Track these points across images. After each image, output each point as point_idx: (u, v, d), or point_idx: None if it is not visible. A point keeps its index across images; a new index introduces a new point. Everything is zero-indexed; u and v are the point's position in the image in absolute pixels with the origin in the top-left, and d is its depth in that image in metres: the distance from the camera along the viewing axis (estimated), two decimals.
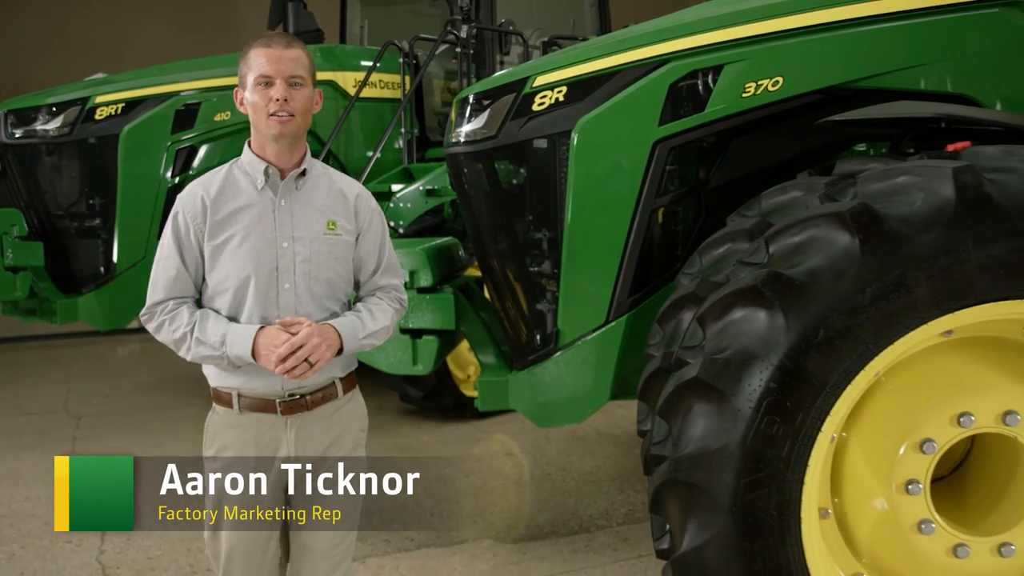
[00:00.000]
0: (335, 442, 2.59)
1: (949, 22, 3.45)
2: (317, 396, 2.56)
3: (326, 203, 2.57)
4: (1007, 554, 2.64)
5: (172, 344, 2.53)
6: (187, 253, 2.51)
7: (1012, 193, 2.34)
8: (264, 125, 2.47)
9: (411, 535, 4.62)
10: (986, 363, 2.63)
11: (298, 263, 2.50)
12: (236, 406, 2.54)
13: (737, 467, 2.39)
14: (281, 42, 2.50)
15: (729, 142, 3.58)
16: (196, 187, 2.54)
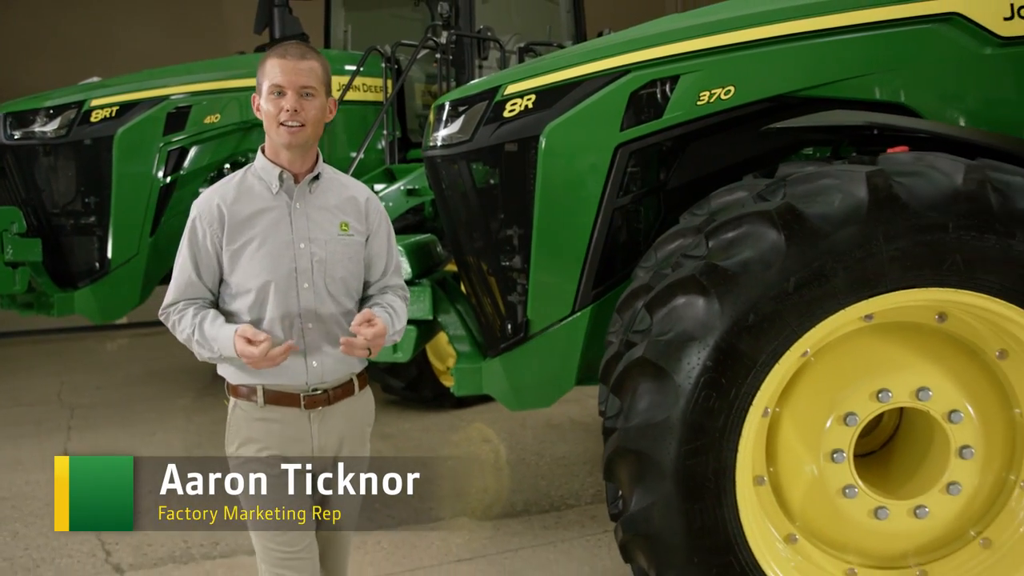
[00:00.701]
0: (350, 434, 2.65)
1: (887, 36, 3.66)
2: (337, 391, 2.62)
3: (338, 205, 2.63)
4: (921, 515, 2.94)
5: (185, 343, 2.58)
6: (202, 260, 2.56)
7: (918, 194, 2.64)
8: (275, 133, 2.53)
9: (392, 513, 4.89)
10: (903, 345, 2.94)
11: (315, 263, 2.56)
12: (260, 400, 2.57)
13: (678, 437, 2.68)
14: (296, 53, 2.54)
15: (685, 146, 3.79)
16: (212, 194, 2.59)
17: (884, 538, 2.98)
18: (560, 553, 4.29)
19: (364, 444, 2.71)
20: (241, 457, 2.57)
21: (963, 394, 2.92)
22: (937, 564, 3.01)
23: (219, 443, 6.09)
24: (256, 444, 2.56)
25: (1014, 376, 2.91)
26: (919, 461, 3.05)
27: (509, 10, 8.39)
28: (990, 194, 2.63)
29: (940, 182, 2.65)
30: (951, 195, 2.63)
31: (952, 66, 3.66)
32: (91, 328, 10.39)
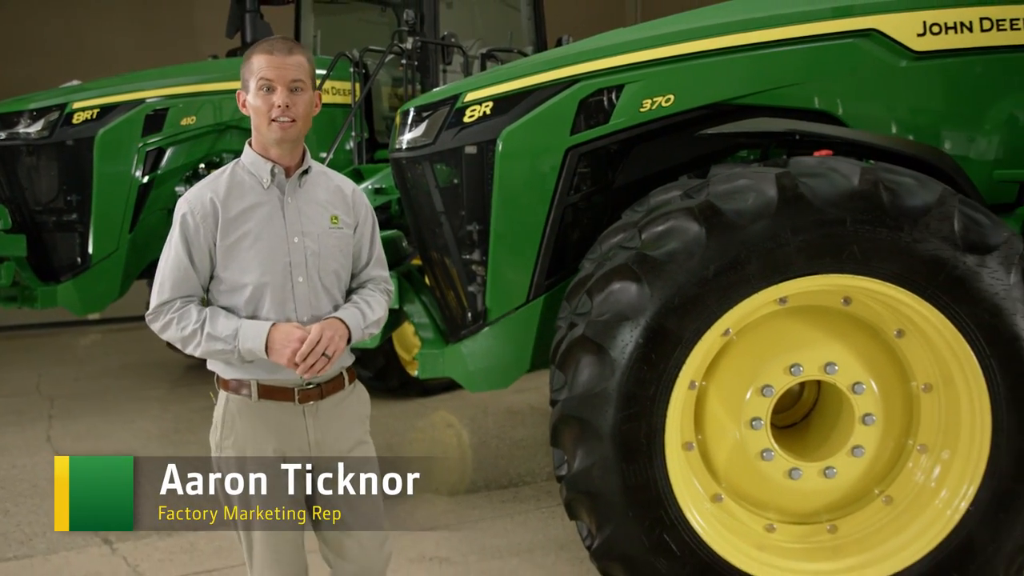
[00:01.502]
0: (347, 428, 2.68)
1: (813, 50, 3.99)
2: (329, 386, 2.63)
3: (327, 199, 2.64)
4: (830, 476, 3.33)
5: (179, 341, 2.54)
6: (196, 253, 2.53)
7: (820, 193, 3.02)
8: (267, 129, 2.52)
9: None
10: (814, 326, 3.32)
11: (308, 256, 2.57)
12: (254, 395, 2.56)
13: (615, 405, 3.05)
14: (283, 48, 2.54)
15: (630, 149, 4.10)
16: (204, 189, 2.57)
17: (799, 496, 3.37)
18: (516, 524, 4.64)
19: (364, 438, 2.73)
20: (231, 455, 2.57)
21: (866, 368, 3.31)
22: (845, 519, 3.40)
23: (195, 429, 6.44)
24: (251, 439, 2.57)
25: (910, 353, 3.30)
26: (830, 428, 3.44)
27: (472, 16, 8.66)
28: (882, 193, 3.01)
29: (839, 182, 3.04)
30: (848, 194, 3.01)
31: (871, 78, 4.02)
32: (65, 323, 10.64)
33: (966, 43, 4.05)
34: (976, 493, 3.15)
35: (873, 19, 4.03)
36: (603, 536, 3.12)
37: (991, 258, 3.03)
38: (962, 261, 3.02)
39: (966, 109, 4.13)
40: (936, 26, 4.02)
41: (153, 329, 2.59)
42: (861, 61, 4.01)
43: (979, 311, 3.05)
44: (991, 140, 4.14)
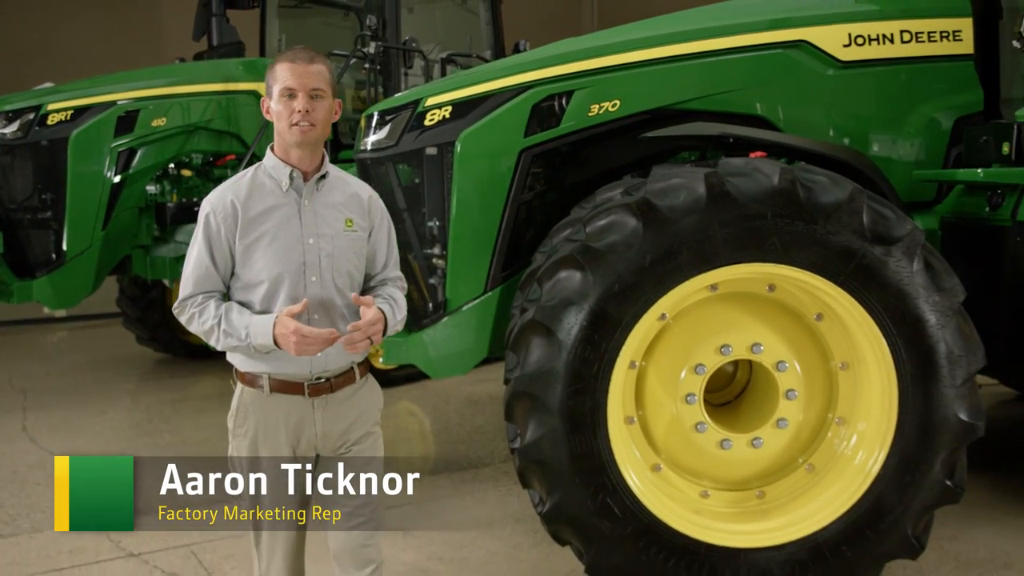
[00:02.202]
0: (357, 420, 2.78)
1: (748, 59, 4.36)
2: (339, 379, 2.72)
3: (343, 203, 2.75)
4: (758, 445, 3.69)
5: (203, 334, 2.67)
6: (217, 252, 2.65)
7: (744, 190, 3.36)
8: (287, 133, 2.64)
9: None
10: (742, 310, 3.67)
11: (323, 257, 2.67)
12: (266, 388, 2.68)
13: (562, 381, 3.37)
14: (304, 57, 2.65)
15: (579, 151, 4.41)
16: (225, 191, 2.69)
17: (730, 465, 3.71)
18: (476, 501, 4.96)
19: (373, 432, 2.83)
20: (247, 439, 2.70)
21: (789, 349, 3.67)
22: (772, 486, 3.75)
23: (167, 419, 6.68)
24: (262, 429, 2.69)
25: (829, 335, 3.66)
26: (759, 403, 3.79)
27: (432, 21, 8.94)
28: (799, 190, 3.36)
29: (761, 181, 3.38)
30: (769, 191, 3.36)
31: (802, 85, 4.39)
32: (31, 321, 10.80)
33: (888, 54, 4.44)
34: (886, 459, 3.51)
35: (803, 31, 4.41)
36: (552, 501, 3.44)
37: (896, 248, 3.39)
38: (870, 251, 3.38)
39: (888, 114, 4.52)
40: (860, 38, 4.41)
41: (181, 321, 2.72)
42: (792, 70, 4.38)
43: (886, 296, 3.41)
44: (911, 143, 4.53)
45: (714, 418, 3.66)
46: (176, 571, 4.09)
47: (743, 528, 3.59)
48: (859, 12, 4.49)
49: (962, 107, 4.51)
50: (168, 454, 5.67)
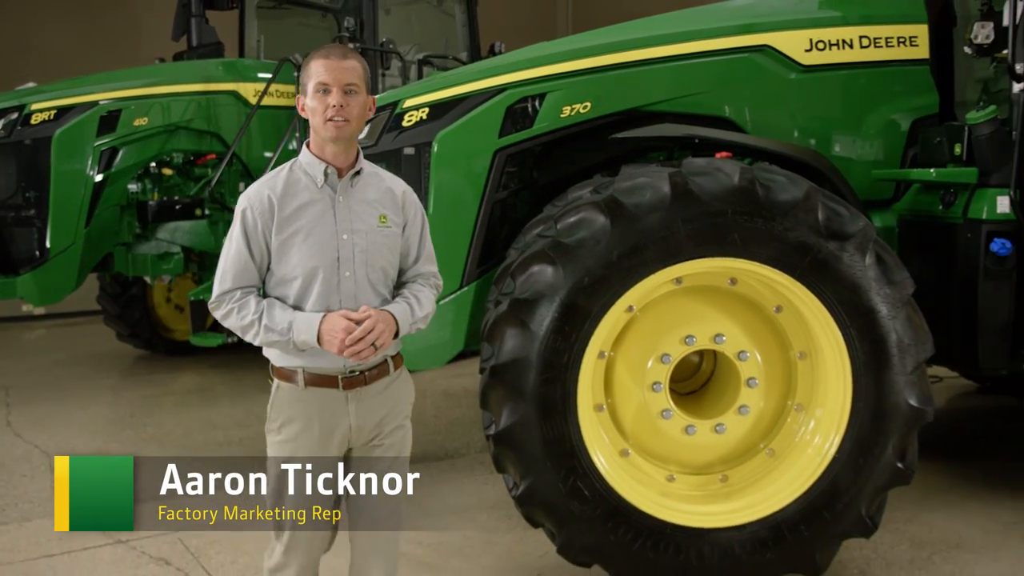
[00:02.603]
0: (389, 413, 2.81)
1: (713, 63, 4.54)
2: (373, 372, 2.75)
3: (377, 199, 2.76)
4: (721, 431, 3.88)
5: (240, 330, 2.68)
6: (255, 247, 2.68)
7: (706, 189, 3.55)
8: (322, 129, 2.65)
9: None
10: (706, 303, 3.86)
11: (357, 253, 2.69)
12: (301, 382, 2.70)
13: (534, 370, 3.54)
14: (338, 53, 2.68)
15: (552, 150, 4.60)
16: (262, 187, 2.70)
17: (694, 450, 3.90)
18: (453, 489, 5.13)
19: (404, 425, 2.87)
20: (283, 435, 2.73)
21: (750, 339, 3.86)
22: (735, 469, 3.93)
23: (150, 413, 6.79)
24: (297, 423, 2.72)
25: (788, 326, 3.85)
26: (721, 391, 3.99)
27: (409, 23, 9.08)
28: (758, 189, 3.55)
29: (722, 180, 3.57)
30: (730, 190, 3.55)
31: (765, 88, 4.58)
32: (10, 319, 10.87)
33: (847, 58, 4.64)
34: (841, 443, 3.71)
35: (766, 36, 4.60)
36: (526, 484, 3.61)
37: (849, 243, 3.59)
38: (825, 246, 3.58)
39: (848, 116, 4.72)
40: (821, 43, 4.61)
41: (216, 316, 2.72)
42: (757, 73, 4.58)
43: (840, 289, 3.61)
44: (870, 144, 4.74)
45: (680, 406, 3.85)
46: (164, 556, 4.23)
47: (707, 509, 3.78)
48: (820, 18, 4.69)
49: (918, 109, 4.71)
50: (151, 447, 5.85)
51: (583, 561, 3.74)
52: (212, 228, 7.69)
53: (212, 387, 7.83)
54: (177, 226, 7.59)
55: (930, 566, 4.13)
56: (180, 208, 7.52)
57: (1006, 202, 4.21)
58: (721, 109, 4.60)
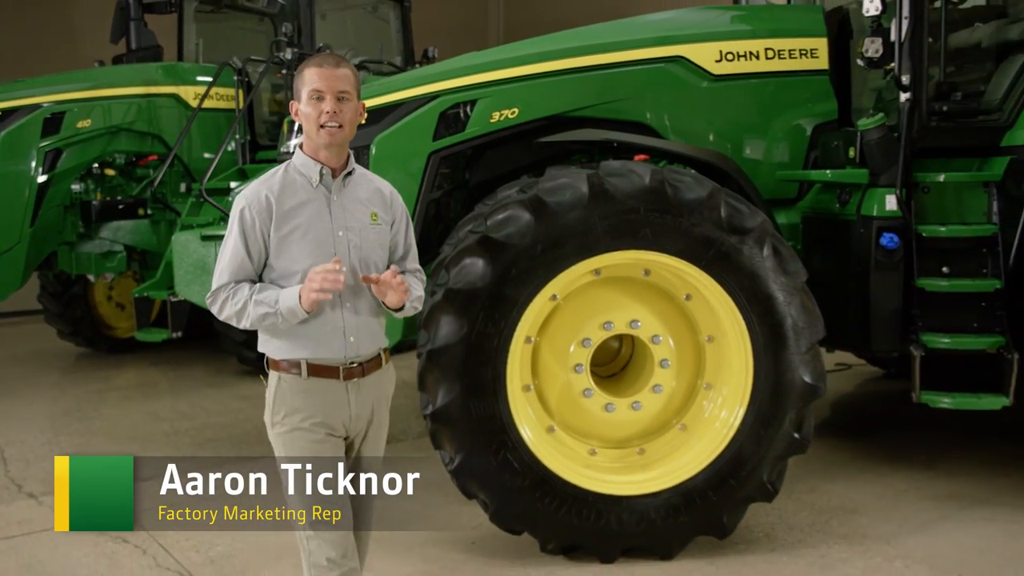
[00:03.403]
0: (379, 401, 2.96)
1: (632, 72, 4.91)
2: (370, 364, 2.88)
3: (368, 198, 2.89)
4: (637, 408, 4.26)
5: (234, 317, 2.78)
6: (252, 244, 2.78)
7: (621, 188, 3.93)
8: (316, 134, 2.77)
9: (255, 450, 5.95)
10: (622, 292, 4.24)
11: (352, 249, 2.81)
12: (304, 372, 2.79)
13: (467, 354, 3.89)
14: (331, 61, 2.78)
15: (483, 153, 4.91)
16: (260, 186, 2.81)
17: (614, 426, 4.28)
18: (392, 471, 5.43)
19: (386, 409, 3.03)
20: (287, 425, 2.81)
21: (662, 324, 4.26)
22: (651, 443, 4.32)
23: (96, 406, 6.99)
24: (301, 413, 2.80)
25: (697, 313, 4.25)
26: (638, 372, 4.37)
27: (345, 28, 9.37)
28: (667, 188, 3.94)
29: (635, 180, 3.96)
30: (642, 189, 3.93)
31: (679, 96, 4.96)
32: None
33: (754, 68, 5.05)
34: (744, 417, 4.12)
35: (680, 48, 4.98)
36: (460, 459, 3.96)
37: (748, 237, 4.00)
38: (727, 240, 3.98)
39: (756, 122, 5.12)
40: (730, 54, 5.00)
41: (212, 311, 2.85)
42: (671, 82, 4.96)
43: (741, 278, 4.02)
44: (776, 147, 5.16)
45: (601, 387, 4.23)
46: (122, 536, 4.46)
47: (625, 479, 4.16)
48: (729, 31, 5.10)
49: (819, 116, 5.13)
50: (100, 439, 6.08)
51: (514, 529, 4.10)
52: (154, 227, 7.91)
53: (154, 382, 8.03)
54: (120, 225, 7.78)
55: (828, 528, 4.56)
56: (123, 208, 7.72)
57: (893, 200, 4.65)
58: (640, 115, 4.96)
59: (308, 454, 2.79)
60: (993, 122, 4.90)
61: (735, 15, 5.47)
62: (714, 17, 5.32)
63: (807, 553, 4.28)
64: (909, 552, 4.28)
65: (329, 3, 8.98)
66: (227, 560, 4.23)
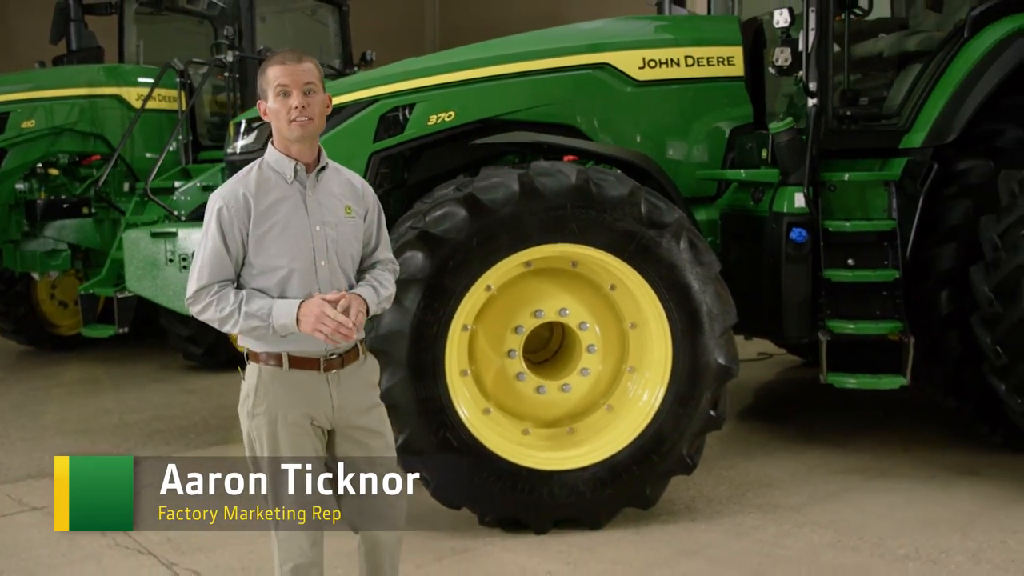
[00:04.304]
0: (364, 393, 2.99)
1: (562, 78, 5.22)
2: (349, 355, 2.92)
3: (341, 191, 2.92)
4: (567, 390, 4.60)
5: (218, 321, 2.78)
6: (231, 241, 2.78)
7: (549, 187, 4.25)
8: (287, 130, 2.78)
9: (203, 439, 6.18)
10: (552, 283, 4.57)
11: (329, 243, 2.85)
12: (285, 364, 2.82)
13: (408, 340, 4.18)
14: (293, 57, 2.81)
15: (421, 154, 5.19)
16: (236, 185, 2.83)
17: (545, 407, 4.61)
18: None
19: (377, 401, 3.07)
20: (267, 416, 2.83)
21: (589, 312, 4.60)
22: (580, 423, 4.65)
23: (41, 403, 7.13)
24: (283, 404, 2.83)
25: (621, 302, 4.60)
26: (568, 356, 4.71)
27: (284, 31, 9.54)
28: (591, 187, 4.28)
29: (562, 179, 4.29)
30: (568, 188, 4.27)
31: (606, 100, 5.29)
32: None
33: (675, 75, 5.41)
34: (664, 397, 4.47)
35: (606, 55, 5.33)
36: (404, 437, 4.24)
37: (667, 231, 4.36)
38: (647, 234, 4.33)
39: (677, 125, 5.49)
40: (652, 61, 5.36)
41: (192, 312, 2.84)
42: (598, 87, 5.29)
43: (660, 269, 4.38)
44: (696, 148, 5.53)
45: (534, 371, 4.56)
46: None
47: (556, 455, 4.49)
48: (651, 40, 5.47)
49: (736, 119, 5.52)
50: (50, 433, 6.25)
51: (453, 503, 4.41)
52: (98, 226, 8.06)
53: (99, 378, 8.18)
54: (64, 224, 7.93)
55: (744, 500, 4.94)
56: (67, 207, 7.87)
57: (802, 198, 5.05)
58: (569, 118, 5.28)
59: (288, 445, 2.83)
60: (893, 126, 5.34)
61: (658, 25, 5.85)
62: (638, 26, 5.69)
63: (724, 522, 4.64)
64: (817, 519, 4.66)
65: (269, 6, 9.14)
66: (184, 539, 4.44)
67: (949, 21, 5.68)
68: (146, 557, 4.23)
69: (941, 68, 5.29)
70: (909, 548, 4.28)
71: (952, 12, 5.69)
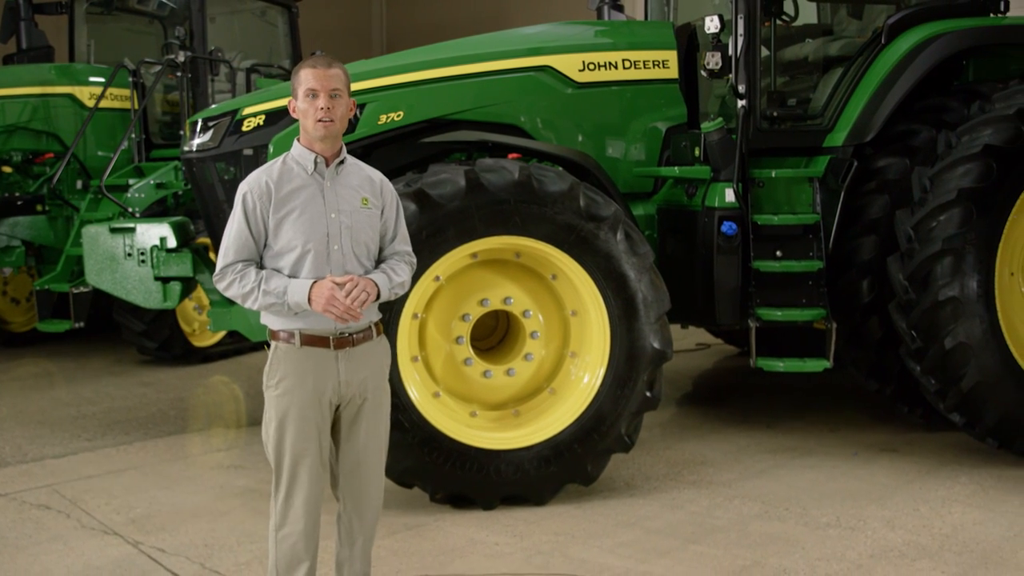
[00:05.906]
0: (372, 373, 3.18)
1: (505, 80, 5.48)
2: (360, 335, 3.12)
3: (359, 184, 3.15)
4: (512, 374, 4.88)
5: (240, 297, 3.03)
6: (254, 225, 3.04)
7: (494, 183, 4.52)
8: (312, 128, 3.04)
9: (161, 429, 6.36)
10: (497, 273, 4.84)
11: (343, 230, 3.06)
12: (297, 342, 3.05)
13: None
14: (323, 63, 3.07)
15: (371, 152, 5.32)
16: (261, 174, 3.09)
17: (491, 390, 4.89)
18: None
19: (384, 382, 3.27)
20: (280, 388, 3.07)
21: (532, 301, 4.88)
22: (525, 405, 4.93)
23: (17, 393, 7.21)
24: (293, 377, 3.06)
25: (562, 290, 4.88)
26: (514, 342, 4.99)
27: (233, 32, 9.70)
28: (533, 182, 4.56)
29: (506, 175, 4.57)
30: (512, 183, 4.54)
31: (548, 101, 5.56)
32: None
33: (613, 77, 5.71)
34: (603, 379, 4.76)
35: (547, 58, 5.60)
36: None
37: (604, 224, 4.65)
38: (586, 226, 4.63)
39: (615, 125, 5.78)
40: (592, 64, 5.65)
41: (219, 287, 3.10)
42: (540, 89, 5.57)
43: (598, 259, 4.67)
44: (634, 147, 5.83)
45: (481, 357, 4.83)
46: (44, 503, 4.87)
47: (502, 436, 4.76)
48: (590, 44, 5.75)
49: (671, 119, 5.83)
50: (9, 424, 6.37)
51: (405, 482, 4.66)
52: (52, 223, 8.17)
53: (52, 373, 8.28)
54: (17, 221, 8.02)
55: (679, 477, 5.25)
56: (21, 204, 7.97)
57: (732, 193, 5.38)
58: (513, 118, 5.54)
59: (296, 416, 3.06)
60: (817, 126, 5.70)
61: (597, 29, 6.13)
62: (579, 31, 5.97)
63: (660, 496, 4.94)
64: (747, 493, 4.99)
65: (218, 7, 9.30)
66: (147, 519, 4.66)
67: (868, 28, 6.08)
68: (112, 537, 4.43)
69: (861, 72, 5.66)
70: (831, 517, 4.62)
71: (871, 19, 6.08)
